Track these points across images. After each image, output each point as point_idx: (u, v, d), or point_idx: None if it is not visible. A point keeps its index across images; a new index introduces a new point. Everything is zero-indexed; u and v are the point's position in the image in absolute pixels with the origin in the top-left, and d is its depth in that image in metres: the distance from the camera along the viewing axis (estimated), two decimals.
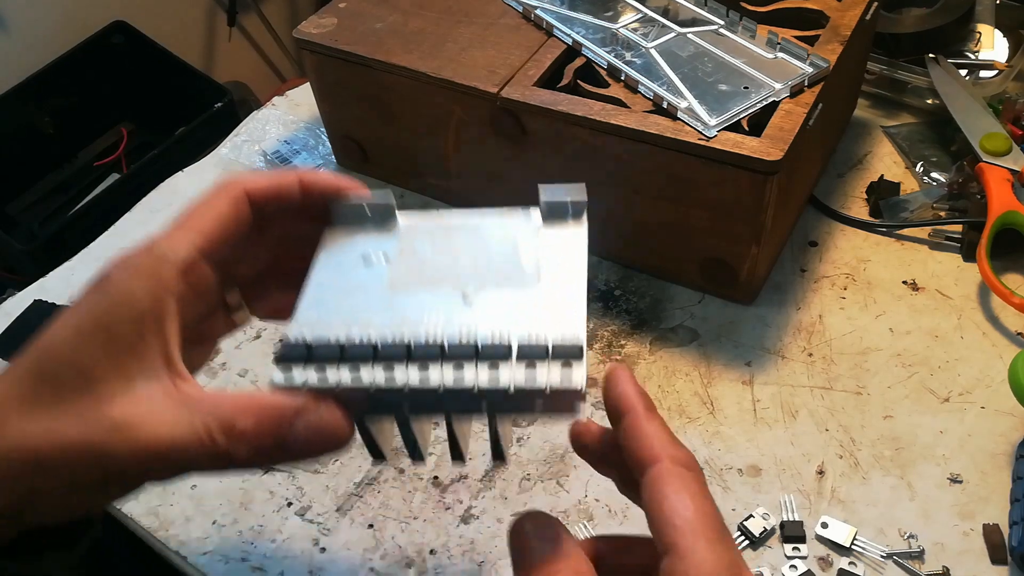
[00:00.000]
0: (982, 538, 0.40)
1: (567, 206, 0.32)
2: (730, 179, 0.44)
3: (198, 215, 0.28)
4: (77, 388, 0.24)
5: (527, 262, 0.30)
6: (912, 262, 0.53)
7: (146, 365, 0.25)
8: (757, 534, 0.41)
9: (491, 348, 0.27)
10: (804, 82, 0.46)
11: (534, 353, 0.26)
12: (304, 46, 0.57)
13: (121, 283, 0.26)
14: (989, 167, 0.52)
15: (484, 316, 0.28)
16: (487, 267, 0.30)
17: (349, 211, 0.32)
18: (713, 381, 0.48)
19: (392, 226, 0.32)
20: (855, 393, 0.47)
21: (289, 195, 0.30)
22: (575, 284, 0.30)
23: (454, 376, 0.26)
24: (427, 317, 0.28)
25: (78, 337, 0.25)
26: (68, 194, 1.15)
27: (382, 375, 0.26)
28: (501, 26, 0.54)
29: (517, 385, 0.26)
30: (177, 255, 0.27)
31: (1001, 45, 0.61)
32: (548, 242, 0.31)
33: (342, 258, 0.31)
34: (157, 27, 1.21)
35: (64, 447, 0.24)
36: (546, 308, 0.28)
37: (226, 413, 0.25)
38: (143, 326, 0.25)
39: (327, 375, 0.26)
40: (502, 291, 0.29)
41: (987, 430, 0.44)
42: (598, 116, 0.46)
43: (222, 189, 0.29)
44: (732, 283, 0.50)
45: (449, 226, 0.32)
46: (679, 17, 0.53)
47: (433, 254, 0.31)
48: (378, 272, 0.30)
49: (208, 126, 1.08)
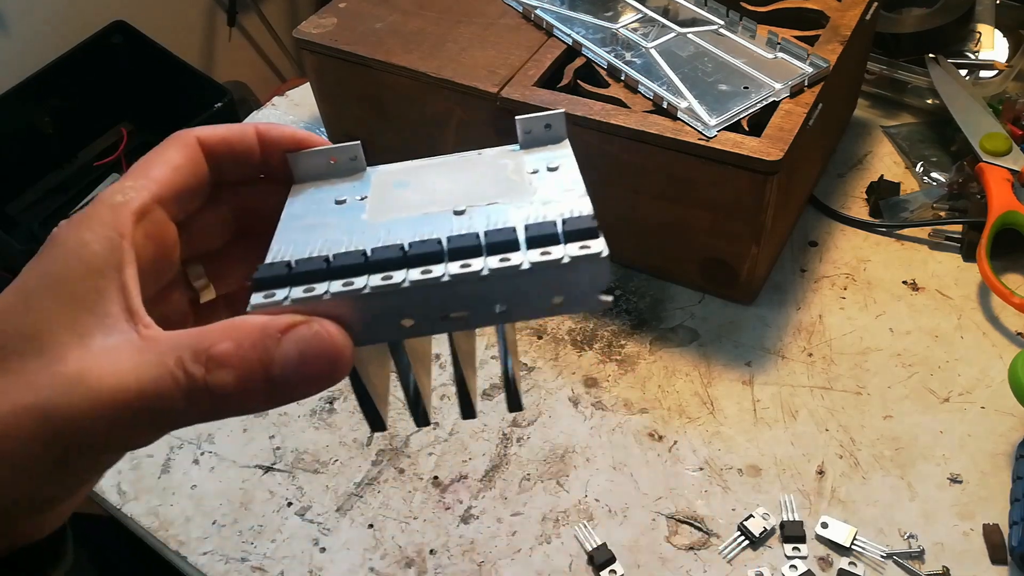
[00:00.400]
0: (982, 538, 0.40)
1: (544, 127, 0.29)
2: (730, 179, 0.44)
3: (148, 164, 0.25)
4: (23, 354, 0.21)
5: (515, 178, 0.27)
6: (912, 262, 0.53)
7: (105, 320, 0.21)
8: (757, 534, 0.41)
9: (497, 235, 0.23)
10: (804, 82, 0.46)
11: (544, 235, 0.23)
12: (304, 46, 0.56)
13: (70, 237, 0.22)
14: (989, 167, 0.52)
15: (482, 219, 0.24)
16: (473, 189, 0.26)
17: (312, 162, 0.28)
18: (713, 381, 0.48)
19: (362, 175, 0.29)
20: (855, 393, 0.47)
21: (245, 145, 0.27)
22: (573, 185, 0.26)
23: (460, 268, 0.22)
24: (419, 230, 0.24)
25: (23, 300, 0.22)
26: (68, 194, 1.15)
27: (379, 279, 0.22)
28: (501, 26, 0.54)
29: (533, 261, 0.22)
30: (130, 200, 0.23)
31: (1001, 45, 0.61)
32: (533, 161, 0.28)
33: (310, 203, 0.27)
34: (157, 27, 1.21)
35: (8, 416, 0.20)
36: (547, 204, 0.25)
37: (199, 341, 0.21)
38: (99, 278, 0.22)
39: (315, 288, 0.22)
40: (495, 205, 0.25)
41: (987, 430, 0.44)
42: (598, 116, 0.46)
43: (173, 139, 0.26)
44: (732, 283, 0.50)
45: (425, 165, 0.29)
46: (679, 17, 0.53)
47: (413, 189, 0.27)
48: (354, 209, 0.27)
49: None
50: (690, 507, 0.43)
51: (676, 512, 0.43)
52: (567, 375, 0.49)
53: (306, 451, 0.48)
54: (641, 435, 0.46)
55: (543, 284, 0.23)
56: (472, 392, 0.26)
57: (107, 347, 0.21)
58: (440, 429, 0.48)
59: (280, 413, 0.50)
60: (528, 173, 0.27)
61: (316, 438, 0.48)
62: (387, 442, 0.48)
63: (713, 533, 0.42)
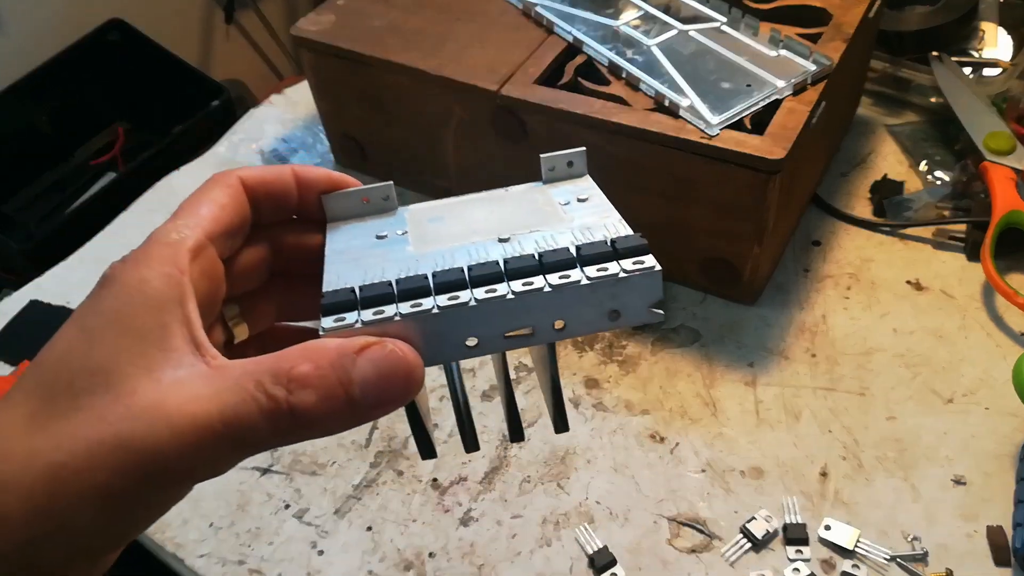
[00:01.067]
0: (985, 540, 0.40)
1: (567, 164, 0.30)
2: (732, 178, 0.44)
3: (197, 203, 0.26)
4: (93, 390, 0.21)
5: (549, 209, 0.28)
6: (916, 262, 0.52)
7: (172, 354, 0.21)
8: (760, 536, 0.41)
9: (552, 255, 0.24)
10: (807, 80, 0.46)
11: (598, 253, 0.24)
12: (302, 44, 0.56)
13: (130, 274, 0.23)
14: (993, 166, 0.52)
15: (530, 242, 0.25)
16: (513, 220, 0.27)
17: (346, 203, 0.30)
18: (715, 382, 0.48)
19: (394, 213, 0.30)
20: (858, 394, 0.46)
21: (284, 187, 0.28)
22: (607, 211, 0.27)
23: (522, 285, 0.23)
24: (470, 256, 0.25)
25: (88, 338, 0.22)
26: (64, 193, 1.15)
27: (445, 299, 0.23)
28: (501, 24, 0.54)
29: (591, 276, 0.23)
30: (185, 238, 0.24)
31: (1005, 43, 0.60)
32: (561, 194, 0.29)
33: (352, 239, 0.28)
34: (154, 25, 1.20)
35: (85, 451, 0.20)
36: (588, 228, 0.26)
37: (277, 364, 0.21)
38: (162, 313, 0.22)
39: (385, 310, 0.23)
40: (537, 232, 0.26)
41: (991, 431, 0.44)
42: (599, 114, 0.46)
43: (217, 179, 0.27)
44: (734, 283, 0.50)
45: (455, 203, 0.30)
46: (681, 14, 0.52)
47: (450, 223, 0.28)
48: (397, 242, 0.27)
49: (205, 124, 1.07)
50: (692, 509, 0.43)
51: (678, 514, 0.42)
52: (568, 376, 0.49)
53: (304, 453, 0.47)
54: (642, 437, 0.46)
55: (601, 299, 0.23)
56: (520, 414, 0.27)
57: (178, 379, 0.21)
58: (439, 431, 0.47)
59: None
60: (560, 204, 0.28)
61: (326, 443, 0.48)
62: (385, 444, 0.47)
63: (715, 536, 0.41)
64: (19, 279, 0.61)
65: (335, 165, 0.64)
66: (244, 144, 0.67)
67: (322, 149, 0.66)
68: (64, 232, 0.97)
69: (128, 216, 0.63)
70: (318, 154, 0.65)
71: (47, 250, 0.90)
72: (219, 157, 0.67)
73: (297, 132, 0.68)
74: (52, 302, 0.58)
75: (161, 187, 0.65)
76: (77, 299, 0.57)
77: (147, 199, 0.64)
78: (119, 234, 0.62)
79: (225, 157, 0.67)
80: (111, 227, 0.63)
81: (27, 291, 0.59)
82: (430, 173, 0.59)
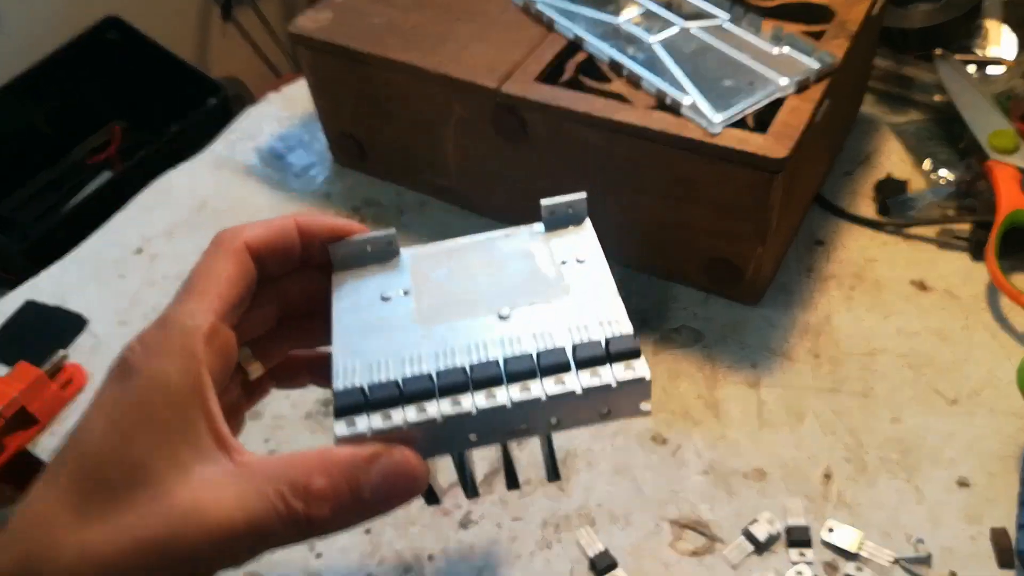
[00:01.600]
0: (990, 542, 0.40)
1: (567, 210, 0.31)
2: (735, 177, 0.44)
3: (205, 278, 0.27)
4: (130, 485, 0.23)
5: (548, 271, 0.30)
6: (920, 261, 0.52)
7: (198, 447, 0.24)
8: (762, 539, 0.40)
9: (549, 356, 0.26)
10: (810, 78, 0.45)
11: (592, 357, 0.26)
12: (300, 41, 0.56)
13: (150, 367, 0.24)
14: (997, 165, 0.51)
15: (528, 329, 0.27)
16: (511, 285, 0.29)
17: (350, 251, 0.31)
18: (718, 383, 0.47)
19: (398, 260, 0.31)
20: (862, 395, 0.46)
21: (288, 243, 0.29)
22: (603, 281, 0.29)
23: (520, 392, 0.25)
24: (471, 338, 0.27)
25: (117, 431, 0.24)
26: (60, 192, 1.14)
27: (448, 405, 0.25)
28: (501, 21, 0.53)
29: (585, 386, 0.25)
30: (199, 325, 0.25)
31: (1009, 41, 0.60)
32: (561, 249, 0.31)
33: (358, 299, 0.30)
34: (151, 23, 1.19)
35: (132, 549, 0.22)
36: (585, 311, 0.28)
37: (296, 475, 0.24)
38: (185, 408, 0.24)
39: (392, 416, 0.25)
40: (535, 305, 0.28)
41: (995, 432, 0.44)
42: (600, 112, 0.46)
43: (221, 247, 0.28)
44: (737, 283, 0.49)
45: (456, 250, 0.31)
46: (682, 11, 0.52)
47: (451, 281, 0.30)
48: (400, 307, 0.29)
49: (202, 123, 1.07)
50: (694, 512, 0.42)
51: (680, 517, 0.42)
52: None
53: None
54: (644, 438, 0.45)
55: (593, 403, 0.26)
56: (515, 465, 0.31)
57: (206, 477, 0.23)
58: None
59: (275, 416, 0.49)
60: (559, 264, 0.30)
61: (312, 441, 0.47)
62: None
63: (718, 538, 0.41)
64: (15, 278, 0.60)
65: (333, 163, 0.64)
66: (241, 142, 0.67)
67: (320, 147, 0.65)
68: (60, 231, 0.97)
69: (125, 215, 0.63)
70: (315, 152, 0.65)
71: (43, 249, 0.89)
72: (216, 155, 0.66)
73: (295, 130, 0.67)
74: (48, 302, 0.57)
75: (158, 186, 0.65)
76: (73, 299, 0.57)
77: (144, 197, 0.64)
78: (116, 233, 0.61)
79: (222, 155, 0.66)
80: (108, 226, 0.62)
81: (23, 291, 0.58)
82: (429, 171, 0.58)
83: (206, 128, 0.71)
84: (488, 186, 0.56)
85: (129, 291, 0.57)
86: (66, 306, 0.57)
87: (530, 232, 0.32)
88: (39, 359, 0.50)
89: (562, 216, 0.32)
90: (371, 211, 0.60)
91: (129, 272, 0.58)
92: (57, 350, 0.52)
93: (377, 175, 0.62)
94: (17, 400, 0.48)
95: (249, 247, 0.28)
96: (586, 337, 0.27)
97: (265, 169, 0.64)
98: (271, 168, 0.64)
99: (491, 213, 0.57)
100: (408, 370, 0.26)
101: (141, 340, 0.25)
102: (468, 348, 0.27)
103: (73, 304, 0.57)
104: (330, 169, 0.63)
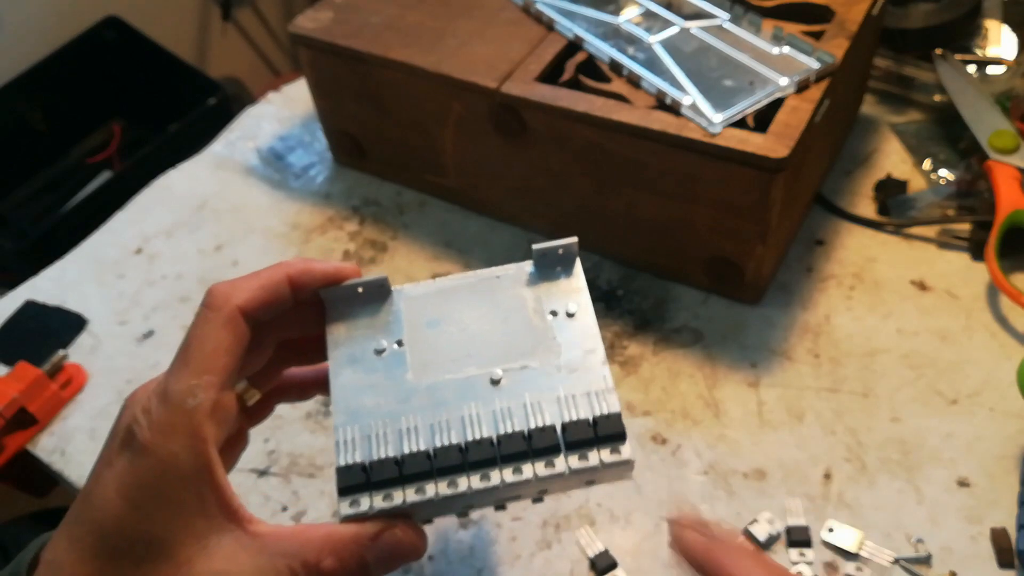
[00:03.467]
0: (990, 542, 0.40)
1: (558, 252, 0.32)
2: (735, 177, 0.44)
3: (201, 349, 0.28)
4: (152, 558, 0.25)
5: (538, 325, 0.31)
6: (920, 261, 0.52)
7: (211, 520, 0.26)
8: (762, 539, 0.40)
9: (541, 438, 0.27)
10: (810, 77, 0.45)
11: (581, 440, 0.27)
12: (299, 41, 0.55)
13: (157, 448, 0.26)
14: (997, 165, 0.51)
15: (519, 399, 0.29)
16: (502, 339, 0.30)
17: (343, 294, 0.31)
18: (718, 383, 0.47)
19: (390, 305, 0.32)
20: (862, 395, 0.46)
21: (280, 298, 0.30)
22: (593, 344, 0.30)
23: (512, 474, 0.27)
24: (465, 410, 0.28)
25: (133, 506, 0.25)
26: (59, 192, 1.14)
27: (445, 486, 0.27)
28: (501, 20, 0.53)
29: (573, 468, 0.27)
30: (202, 403, 0.26)
31: (1009, 41, 0.60)
32: (551, 298, 0.31)
33: (353, 351, 0.31)
34: (150, 22, 1.19)
35: None
36: (575, 379, 0.29)
37: (308, 555, 0.25)
38: (195, 485, 0.26)
39: (393, 496, 0.27)
40: (526, 370, 0.29)
41: (995, 433, 0.44)
42: (600, 112, 0.46)
43: (214, 310, 0.28)
44: (737, 283, 0.49)
45: (448, 291, 0.32)
46: (682, 11, 0.52)
47: (443, 331, 0.31)
48: (395, 361, 0.30)
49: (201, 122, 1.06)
50: (694, 512, 0.42)
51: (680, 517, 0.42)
52: None
53: (301, 455, 0.47)
54: (644, 438, 0.45)
55: (580, 479, 0.28)
56: None
57: (223, 548, 0.26)
58: None
59: (275, 416, 0.49)
60: (548, 315, 0.31)
61: (311, 442, 0.47)
62: None
63: None
64: (14, 278, 0.60)
65: (333, 163, 0.64)
66: (241, 142, 0.67)
67: (319, 147, 0.65)
68: (60, 231, 0.97)
69: (124, 215, 0.63)
70: (315, 152, 0.65)
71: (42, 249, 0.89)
72: (216, 155, 0.66)
73: (295, 130, 0.67)
74: (48, 302, 0.57)
75: (157, 185, 0.64)
76: (73, 299, 0.57)
77: (143, 197, 0.64)
78: (115, 232, 0.61)
79: (222, 155, 0.66)
80: (107, 226, 0.62)
81: (22, 291, 0.58)
82: (428, 170, 0.58)
83: (206, 128, 0.71)
84: (487, 185, 0.56)
85: (129, 291, 0.57)
86: (66, 306, 0.57)
87: (520, 273, 0.32)
88: (39, 359, 0.50)
89: (553, 258, 0.32)
90: (371, 210, 0.60)
91: (129, 272, 0.58)
92: (57, 350, 0.52)
93: (377, 174, 0.62)
94: (17, 400, 0.48)
95: (242, 311, 0.28)
96: (575, 414, 0.28)
97: (265, 169, 0.64)
98: (271, 168, 0.64)
99: (490, 212, 0.57)
100: (406, 445, 0.28)
101: (147, 414, 0.26)
102: (463, 421, 0.28)
103: (73, 304, 0.57)
104: (330, 168, 0.63)
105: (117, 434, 0.27)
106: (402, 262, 0.56)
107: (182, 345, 0.28)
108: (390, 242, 0.58)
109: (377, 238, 0.58)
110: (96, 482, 0.26)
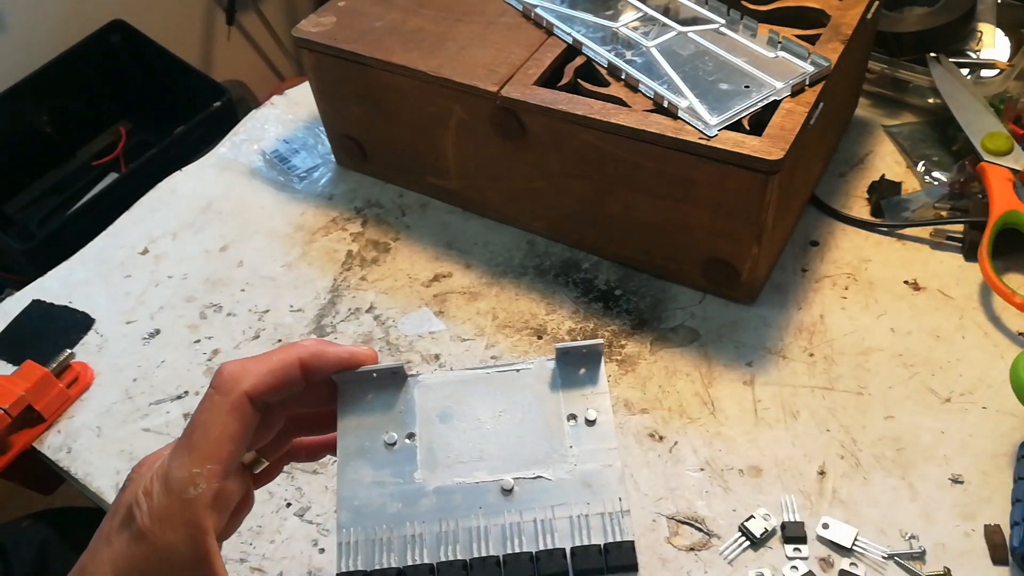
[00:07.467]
0: (983, 539, 0.40)
1: (581, 353, 0.30)
2: (731, 178, 0.44)
3: (205, 435, 0.27)
4: None
5: (555, 424, 0.29)
6: (913, 262, 0.52)
7: None
8: (758, 535, 0.41)
9: (549, 563, 0.27)
10: (805, 81, 0.46)
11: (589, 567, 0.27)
12: (303, 45, 0.56)
13: (156, 537, 0.26)
14: (991, 166, 0.52)
15: (529, 514, 0.28)
16: (517, 444, 0.29)
17: (357, 378, 0.31)
18: (714, 381, 0.48)
19: (404, 393, 0.31)
20: (856, 393, 0.46)
21: (291, 383, 0.29)
22: (610, 458, 0.29)
23: None
24: (473, 521, 0.28)
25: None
26: (66, 193, 1.15)
27: None
28: (501, 25, 0.54)
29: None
30: (203, 494, 0.26)
31: (1002, 44, 0.60)
32: (571, 402, 0.30)
33: (363, 442, 0.30)
34: (155, 26, 1.20)
35: None
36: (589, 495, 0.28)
37: None
38: (193, 572, 0.26)
39: None
40: (539, 480, 0.28)
41: (988, 430, 0.44)
42: (598, 115, 0.46)
43: (223, 398, 0.27)
44: (733, 283, 0.50)
45: (465, 384, 0.31)
46: (680, 16, 0.52)
47: (456, 428, 0.30)
48: (405, 457, 0.29)
49: (207, 125, 1.07)
50: (691, 508, 0.43)
51: (677, 513, 0.43)
52: None
53: None
54: (642, 435, 0.46)
55: None
56: None
57: None
58: None
59: None
60: (566, 419, 0.30)
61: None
62: None
63: (714, 534, 0.42)
64: (21, 279, 0.61)
65: (336, 165, 0.65)
66: (246, 145, 0.68)
67: (323, 149, 0.66)
68: (66, 232, 0.97)
69: (130, 216, 0.63)
70: (319, 154, 0.66)
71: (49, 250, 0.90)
72: (221, 158, 0.67)
73: (298, 133, 0.68)
74: (55, 301, 0.58)
75: (163, 187, 0.65)
76: (79, 299, 0.58)
77: (149, 199, 0.65)
78: (122, 234, 0.62)
79: (227, 157, 0.67)
80: (113, 227, 0.63)
81: (29, 291, 0.59)
82: (430, 173, 0.59)
83: (211, 131, 0.72)
84: (488, 187, 0.56)
85: (135, 291, 0.58)
86: (73, 306, 0.57)
87: (542, 369, 0.31)
88: (46, 358, 0.51)
89: (576, 358, 0.31)
90: (373, 211, 0.61)
91: (135, 272, 0.59)
92: (64, 349, 0.52)
93: (379, 176, 0.63)
94: (24, 398, 0.49)
95: (250, 397, 0.28)
96: (587, 537, 0.27)
97: (269, 171, 0.65)
98: (275, 170, 0.65)
99: (491, 213, 0.58)
100: (409, 556, 0.27)
101: (148, 498, 0.26)
102: (470, 534, 0.27)
103: (79, 303, 0.58)
104: (333, 171, 0.64)
105: (118, 511, 0.27)
106: (404, 262, 0.57)
107: (188, 426, 0.28)
108: (392, 243, 0.58)
109: (380, 239, 0.59)
110: (92, 558, 0.26)
